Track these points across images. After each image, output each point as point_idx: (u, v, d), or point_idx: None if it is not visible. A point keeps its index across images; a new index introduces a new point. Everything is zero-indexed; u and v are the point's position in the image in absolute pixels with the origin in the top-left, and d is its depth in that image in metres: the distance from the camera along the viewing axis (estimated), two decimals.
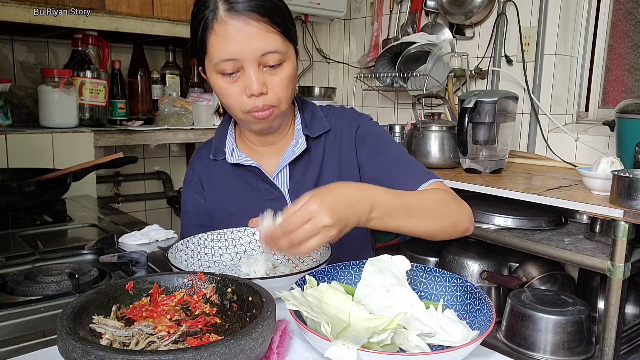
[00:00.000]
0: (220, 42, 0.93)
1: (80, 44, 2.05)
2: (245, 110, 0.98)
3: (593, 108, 2.31)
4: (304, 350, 0.69)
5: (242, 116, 1.00)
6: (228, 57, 0.93)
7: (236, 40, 0.92)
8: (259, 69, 0.95)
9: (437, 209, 0.94)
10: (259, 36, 0.92)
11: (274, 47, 0.94)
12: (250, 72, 0.94)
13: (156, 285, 0.71)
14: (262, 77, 0.95)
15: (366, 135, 1.11)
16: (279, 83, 0.97)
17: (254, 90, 0.94)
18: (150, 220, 1.87)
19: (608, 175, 1.52)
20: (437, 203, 0.95)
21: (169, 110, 2.21)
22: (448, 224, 0.95)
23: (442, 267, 1.97)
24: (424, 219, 0.92)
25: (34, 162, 1.74)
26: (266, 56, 0.94)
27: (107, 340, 0.61)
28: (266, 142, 1.11)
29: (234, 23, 0.92)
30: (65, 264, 1.00)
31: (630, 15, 2.18)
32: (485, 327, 0.66)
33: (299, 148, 1.08)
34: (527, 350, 1.60)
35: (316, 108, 1.16)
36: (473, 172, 1.99)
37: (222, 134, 1.16)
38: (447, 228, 0.95)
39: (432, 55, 2.41)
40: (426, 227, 0.92)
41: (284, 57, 0.96)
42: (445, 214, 0.95)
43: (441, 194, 0.98)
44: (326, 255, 0.90)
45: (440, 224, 0.94)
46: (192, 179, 1.18)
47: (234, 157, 1.11)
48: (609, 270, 1.45)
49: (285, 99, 1.00)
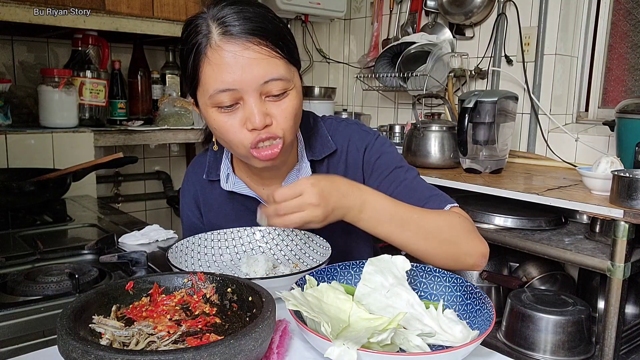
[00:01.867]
0: (216, 71, 0.82)
1: (80, 44, 2.05)
2: (247, 146, 0.86)
3: (593, 108, 2.31)
4: (304, 350, 0.69)
5: (244, 153, 0.88)
6: (225, 88, 0.82)
7: (233, 67, 0.81)
8: (260, 99, 0.84)
9: (439, 231, 0.86)
10: (259, 62, 0.82)
11: (277, 73, 0.83)
12: (250, 103, 0.83)
13: (156, 285, 0.71)
14: (264, 108, 0.84)
15: (376, 161, 1.01)
16: (284, 113, 0.86)
17: (256, 124, 0.83)
18: (150, 220, 1.87)
19: (608, 175, 1.52)
20: (443, 225, 0.87)
21: (169, 110, 2.21)
22: (449, 251, 0.87)
23: None
24: (421, 236, 0.85)
25: (34, 162, 1.74)
26: (268, 84, 0.83)
27: (107, 340, 0.61)
28: (267, 169, 0.97)
29: (230, 48, 0.81)
30: (65, 264, 1.00)
31: (630, 15, 2.18)
32: (485, 327, 0.66)
33: (303, 173, 0.99)
34: (527, 350, 1.60)
35: (320, 124, 1.04)
36: (473, 172, 1.99)
37: (219, 152, 1.04)
38: (447, 255, 0.87)
39: (432, 55, 2.41)
40: (421, 247, 0.86)
41: (289, 84, 0.86)
42: (447, 238, 0.87)
43: (454, 218, 0.90)
44: (326, 255, 0.90)
45: (438, 248, 0.86)
46: (188, 193, 1.09)
47: (229, 184, 1.01)
48: (609, 270, 1.45)
49: (291, 130, 0.88)
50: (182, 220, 1.14)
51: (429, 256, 0.88)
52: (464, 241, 0.89)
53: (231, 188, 1.01)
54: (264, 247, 0.99)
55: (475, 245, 0.90)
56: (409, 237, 0.85)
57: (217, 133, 0.90)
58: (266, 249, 0.99)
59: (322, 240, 0.95)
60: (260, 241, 1.00)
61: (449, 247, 0.88)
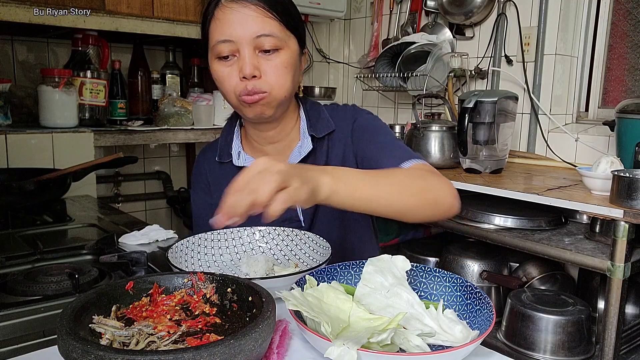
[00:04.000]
0: (218, 26, 0.96)
1: (80, 44, 2.05)
2: (237, 94, 0.97)
3: (593, 108, 2.31)
4: (304, 350, 0.69)
5: (235, 101, 0.99)
6: (223, 38, 0.95)
7: (232, 22, 0.94)
8: (253, 53, 0.95)
9: (413, 182, 0.88)
10: (254, 19, 0.94)
11: (269, 30, 0.95)
12: (244, 53, 0.95)
13: (156, 285, 0.71)
14: (256, 61, 0.95)
15: (361, 129, 1.08)
16: (273, 69, 0.96)
17: (245, 72, 0.94)
18: (150, 220, 1.87)
19: (608, 175, 1.52)
20: (413, 177, 0.89)
21: (169, 110, 2.21)
22: (428, 198, 0.88)
23: (442, 267, 1.97)
24: (398, 192, 0.85)
25: (34, 162, 1.74)
26: (261, 39, 0.94)
27: (107, 340, 0.61)
28: (267, 140, 1.09)
29: (232, 6, 0.94)
30: (65, 264, 1.00)
31: (630, 15, 2.18)
32: (485, 327, 0.66)
33: (305, 149, 1.07)
34: (527, 350, 1.60)
35: (321, 108, 1.14)
36: (473, 172, 1.99)
37: (228, 135, 1.14)
38: (428, 203, 0.88)
39: (432, 55, 2.41)
40: (402, 202, 0.85)
41: (281, 43, 0.96)
42: (422, 187, 0.88)
43: (420, 170, 0.93)
44: (326, 255, 0.90)
45: (418, 199, 0.87)
46: (199, 179, 1.17)
47: (240, 160, 1.09)
48: (609, 270, 1.45)
49: (279, 87, 0.98)
50: (195, 213, 1.18)
51: (412, 210, 0.87)
52: (436, 185, 0.90)
53: (243, 163, 1.09)
54: (264, 247, 1.00)
55: (446, 186, 0.91)
56: (388, 196, 0.83)
57: (217, 84, 1.01)
58: (266, 249, 0.99)
59: (322, 240, 0.96)
60: (260, 241, 1.00)
61: (427, 195, 0.88)
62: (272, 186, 0.67)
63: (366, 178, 0.82)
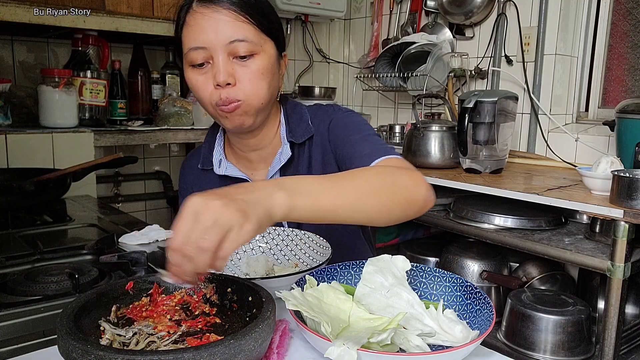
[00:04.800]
0: (190, 32, 0.92)
1: (80, 44, 2.05)
2: (213, 103, 0.94)
3: (593, 108, 2.31)
4: (304, 350, 0.69)
5: (213, 111, 0.96)
6: (196, 45, 0.91)
7: (204, 28, 0.90)
8: (228, 59, 0.91)
9: (381, 183, 0.79)
10: (227, 23, 0.90)
11: (242, 35, 0.91)
12: (217, 60, 0.91)
13: (156, 285, 0.71)
14: (230, 67, 0.92)
15: (335, 129, 1.04)
16: (248, 75, 0.92)
17: (219, 79, 0.91)
18: (150, 220, 1.87)
19: (608, 175, 1.52)
20: (381, 175, 0.81)
21: (169, 110, 2.21)
22: (399, 198, 0.79)
23: (442, 267, 1.97)
24: (365, 195, 0.75)
25: (34, 162, 1.74)
26: (234, 44, 0.90)
27: (107, 340, 0.61)
28: (250, 147, 1.06)
29: (203, 11, 0.91)
30: (65, 264, 1.00)
31: (630, 15, 2.18)
32: (485, 327, 0.66)
33: (284, 156, 1.04)
34: (527, 350, 1.60)
35: (304, 111, 1.09)
36: (473, 172, 1.99)
37: (211, 142, 1.11)
38: (399, 203, 0.79)
39: (432, 55, 2.41)
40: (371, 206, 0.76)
41: (256, 48, 0.92)
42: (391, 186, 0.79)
43: (389, 168, 0.85)
44: (326, 255, 0.90)
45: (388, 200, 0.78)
46: (185, 187, 1.15)
47: (221, 168, 1.07)
48: (609, 270, 1.45)
49: (255, 95, 0.94)
50: None
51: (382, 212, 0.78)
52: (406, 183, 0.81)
53: (224, 172, 1.06)
54: (264, 247, 1.00)
55: (416, 179, 0.83)
56: (356, 200, 0.74)
57: (193, 92, 0.97)
58: (266, 249, 0.99)
59: (322, 240, 0.96)
60: (260, 241, 1.00)
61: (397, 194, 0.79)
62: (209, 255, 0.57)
63: (327, 185, 0.73)
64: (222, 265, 0.60)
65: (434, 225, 1.97)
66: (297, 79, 2.98)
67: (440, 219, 1.91)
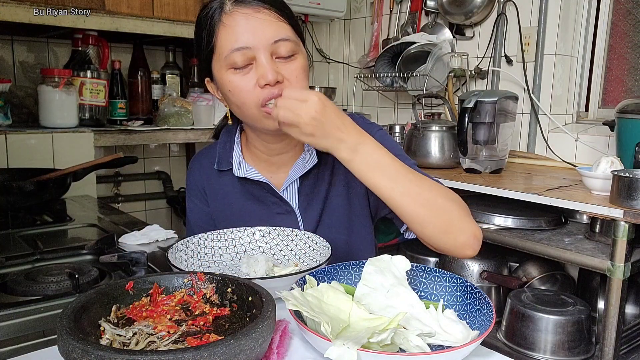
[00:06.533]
0: (230, 33, 0.90)
1: (80, 44, 2.05)
2: (260, 104, 0.90)
3: (593, 108, 2.31)
4: (304, 350, 0.69)
5: (256, 112, 0.92)
6: (239, 46, 0.89)
7: (246, 28, 0.89)
8: (271, 58, 0.90)
9: (433, 196, 0.84)
10: (270, 23, 0.90)
11: (285, 34, 0.91)
12: (262, 60, 0.89)
13: (156, 285, 0.71)
14: (275, 66, 0.90)
15: None
16: (294, 73, 0.92)
17: (269, 79, 0.88)
18: (150, 220, 1.87)
19: (608, 175, 1.52)
20: (439, 192, 0.85)
21: (169, 110, 2.21)
22: (441, 219, 0.84)
23: (442, 267, 1.97)
24: (412, 196, 0.83)
25: (34, 162, 1.74)
26: (278, 44, 0.90)
27: (107, 340, 0.60)
28: (275, 152, 1.03)
29: (243, 11, 0.90)
30: (65, 264, 1.00)
31: (630, 15, 2.18)
32: (485, 327, 0.66)
33: (309, 162, 1.02)
34: (527, 350, 1.60)
35: None
36: (473, 172, 1.99)
37: (227, 142, 1.08)
38: (438, 224, 0.84)
39: (432, 55, 2.41)
40: (411, 208, 0.83)
41: (297, 47, 0.92)
42: (441, 206, 0.84)
43: (451, 192, 0.88)
44: (326, 255, 0.90)
45: (429, 213, 0.83)
46: (194, 187, 1.12)
47: (241, 170, 1.04)
48: (609, 270, 1.45)
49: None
50: (191, 220, 1.14)
51: (418, 220, 0.85)
52: (457, 215, 0.86)
53: (244, 174, 1.03)
54: (264, 247, 0.99)
55: (469, 223, 0.86)
56: (401, 195, 0.83)
57: (231, 96, 0.94)
58: (266, 249, 0.99)
59: (322, 240, 0.96)
60: (260, 241, 1.00)
61: (441, 215, 0.84)
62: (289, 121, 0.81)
63: (388, 169, 0.83)
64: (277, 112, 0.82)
65: None
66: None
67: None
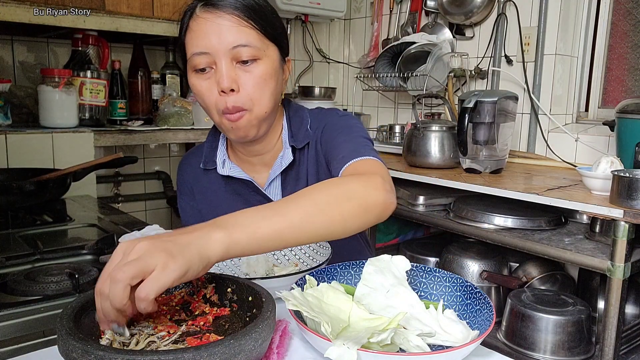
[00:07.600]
0: (194, 37, 0.92)
1: (80, 44, 2.05)
2: (219, 111, 0.94)
3: (593, 108, 2.31)
4: (304, 350, 0.69)
5: (217, 118, 0.96)
6: (199, 50, 0.91)
7: (207, 33, 0.90)
8: (231, 64, 0.91)
9: (329, 197, 0.75)
10: (230, 28, 0.90)
11: (245, 40, 0.91)
12: (221, 65, 0.91)
13: None
14: (233, 73, 0.91)
15: (325, 133, 1.03)
16: (252, 81, 0.92)
17: (223, 85, 0.90)
18: (150, 220, 1.87)
19: (608, 175, 1.52)
20: (327, 189, 0.77)
21: (169, 110, 2.21)
22: (351, 208, 0.75)
23: (442, 267, 1.97)
24: (312, 214, 0.72)
25: (34, 162, 1.74)
26: (238, 49, 0.90)
27: (107, 340, 0.60)
28: (253, 152, 1.06)
29: (206, 16, 0.91)
30: (65, 264, 1.00)
31: (630, 15, 2.18)
32: (485, 327, 0.66)
33: (285, 160, 1.04)
34: (527, 350, 1.60)
35: (305, 115, 1.09)
36: (473, 172, 1.99)
37: (213, 142, 1.11)
38: (353, 214, 0.76)
39: (432, 55, 2.41)
40: (319, 223, 0.72)
41: (259, 53, 0.92)
42: (342, 198, 0.76)
43: (339, 178, 0.84)
44: (326, 255, 0.90)
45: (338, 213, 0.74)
46: (184, 186, 1.15)
47: (225, 168, 1.06)
48: (609, 270, 1.45)
49: (259, 101, 0.94)
50: (184, 219, 1.16)
51: (333, 227, 0.75)
52: (360, 190, 0.78)
53: (228, 172, 1.06)
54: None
55: (373, 184, 0.79)
56: (300, 221, 0.70)
57: (197, 98, 0.97)
58: None
59: None
60: None
61: (348, 204, 0.75)
62: (121, 286, 0.56)
63: (268, 213, 0.69)
64: (146, 306, 0.56)
65: (434, 225, 1.97)
66: (297, 79, 2.98)
67: (440, 219, 1.91)
